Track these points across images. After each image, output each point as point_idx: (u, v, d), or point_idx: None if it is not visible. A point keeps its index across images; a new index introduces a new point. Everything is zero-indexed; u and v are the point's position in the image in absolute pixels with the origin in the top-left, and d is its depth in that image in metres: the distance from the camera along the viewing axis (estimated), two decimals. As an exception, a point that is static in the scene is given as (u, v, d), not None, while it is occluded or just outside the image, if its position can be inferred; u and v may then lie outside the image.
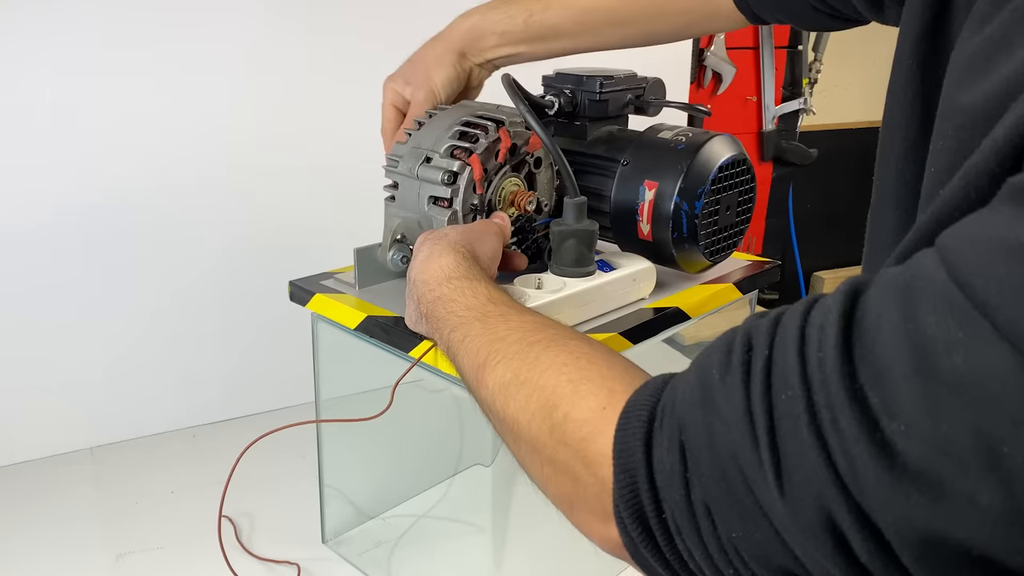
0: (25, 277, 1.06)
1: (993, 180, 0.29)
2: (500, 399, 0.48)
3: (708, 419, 0.35)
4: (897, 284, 0.30)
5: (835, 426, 0.30)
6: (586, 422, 0.41)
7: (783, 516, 0.32)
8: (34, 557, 0.92)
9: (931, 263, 0.29)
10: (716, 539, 0.35)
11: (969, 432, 0.27)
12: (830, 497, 0.30)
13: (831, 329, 0.31)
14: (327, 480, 0.94)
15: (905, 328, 0.29)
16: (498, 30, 0.79)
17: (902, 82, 0.46)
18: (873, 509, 0.29)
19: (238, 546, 0.94)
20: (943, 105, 0.36)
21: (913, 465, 0.28)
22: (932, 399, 0.28)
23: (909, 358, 0.28)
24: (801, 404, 0.31)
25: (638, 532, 0.38)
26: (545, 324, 0.51)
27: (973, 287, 0.27)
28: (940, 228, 0.31)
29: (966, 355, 0.27)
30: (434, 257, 0.61)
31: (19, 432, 1.10)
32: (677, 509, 0.36)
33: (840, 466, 0.30)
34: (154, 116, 1.09)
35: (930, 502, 0.28)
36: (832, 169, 2.15)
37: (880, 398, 0.29)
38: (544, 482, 0.45)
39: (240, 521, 0.99)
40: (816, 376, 0.31)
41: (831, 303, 0.32)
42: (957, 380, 0.27)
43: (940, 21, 0.43)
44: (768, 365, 0.33)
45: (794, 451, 0.31)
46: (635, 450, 0.38)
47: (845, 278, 0.33)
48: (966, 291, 0.27)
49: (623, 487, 0.38)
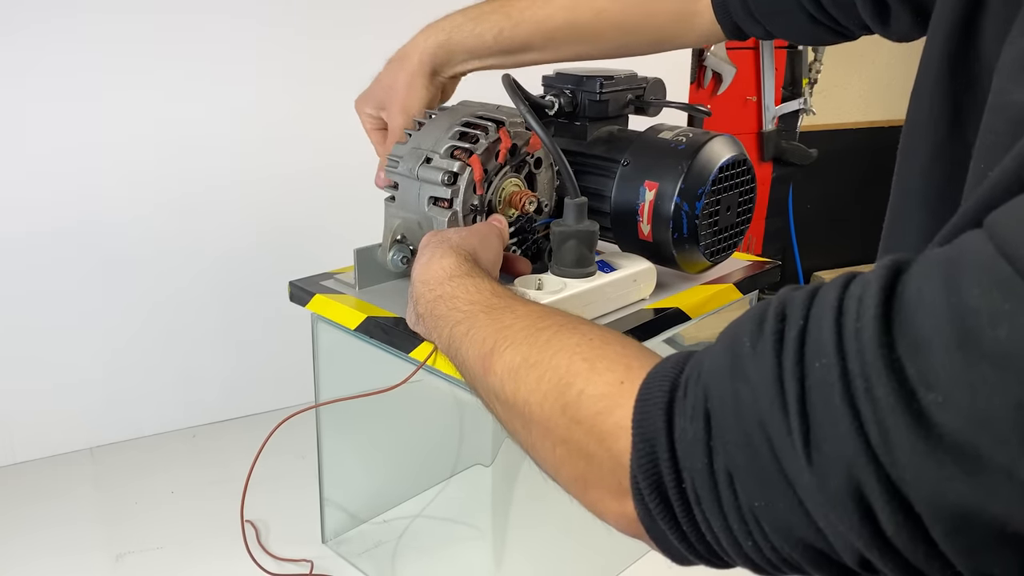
0: (25, 277, 1.06)
1: None
2: (510, 384, 0.47)
3: (736, 386, 0.34)
4: (941, 260, 0.30)
5: (869, 395, 0.30)
6: (603, 396, 0.41)
7: (809, 486, 0.32)
8: (34, 557, 0.92)
9: (978, 240, 0.29)
10: (736, 509, 0.35)
11: (1010, 405, 0.26)
12: (860, 466, 0.30)
13: (871, 300, 0.31)
14: (327, 480, 0.94)
15: (948, 300, 0.28)
16: (467, 47, 0.78)
17: (930, 83, 0.45)
18: (905, 480, 0.29)
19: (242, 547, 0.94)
20: (993, 100, 0.35)
21: (949, 437, 0.28)
22: (973, 371, 0.27)
23: (951, 329, 0.28)
24: (835, 373, 0.31)
25: (656, 503, 0.38)
26: (552, 312, 0.51)
27: (1020, 260, 0.27)
28: (988, 210, 0.30)
29: (1011, 328, 0.26)
30: (435, 259, 0.61)
31: (19, 432, 1.10)
32: (698, 478, 0.36)
33: (872, 436, 0.29)
34: (154, 117, 1.09)
35: (966, 475, 0.28)
36: (832, 169, 2.15)
37: (918, 369, 0.29)
38: (556, 465, 0.45)
39: (240, 521, 0.99)
40: (852, 345, 0.31)
41: (871, 277, 0.32)
42: (1001, 353, 0.27)
43: (971, 23, 0.43)
44: (802, 335, 0.33)
45: (825, 420, 0.31)
46: (656, 419, 0.37)
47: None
48: (1014, 264, 0.27)
49: (642, 456, 0.38)
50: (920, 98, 0.47)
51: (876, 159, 2.12)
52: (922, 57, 0.47)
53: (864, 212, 1.86)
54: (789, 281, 2.16)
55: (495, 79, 0.75)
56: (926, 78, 0.46)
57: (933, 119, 0.45)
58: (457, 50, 0.78)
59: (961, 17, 0.43)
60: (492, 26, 0.77)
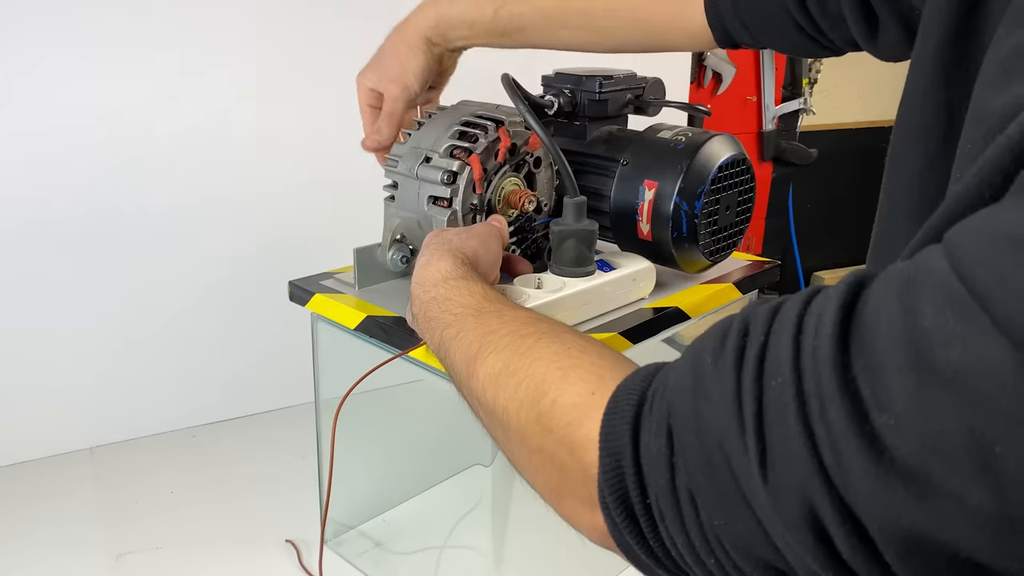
0: (25, 277, 1.06)
1: (1007, 177, 0.28)
2: (490, 390, 0.47)
3: (697, 403, 0.34)
4: (900, 277, 0.29)
5: (823, 416, 0.29)
6: (574, 407, 0.41)
7: (765, 506, 0.31)
8: (34, 557, 0.92)
9: (936, 257, 0.28)
10: (699, 527, 0.34)
11: (962, 430, 0.26)
12: (813, 489, 0.29)
13: (829, 318, 0.30)
14: (327, 480, 0.94)
15: (903, 320, 0.28)
16: (467, 19, 0.78)
17: (922, 90, 0.44)
18: (857, 504, 0.29)
19: (242, 547, 0.94)
20: (973, 109, 0.34)
21: (901, 461, 0.27)
22: (925, 393, 0.27)
23: (904, 350, 0.27)
24: (790, 392, 0.30)
25: (622, 518, 0.37)
26: (538, 319, 0.51)
27: (974, 279, 0.26)
28: (949, 225, 0.29)
29: (963, 349, 0.26)
30: (433, 261, 0.61)
31: (19, 432, 1.10)
32: (661, 494, 0.35)
33: (826, 458, 0.29)
34: (153, 117, 1.09)
35: (917, 500, 0.27)
36: (832, 169, 2.15)
37: (872, 390, 0.28)
38: (532, 473, 0.45)
39: (241, 521, 0.99)
40: (809, 364, 0.30)
41: (833, 293, 0.31)
42: (952, 375, 0.26)
43: (969, 28, 0.42)
44: (762, 351, 0.32)
45: (780, 439, 0.30)
46: (622, 433, 0.37)
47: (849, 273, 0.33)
48: (967, 283, 0.26)
49: (608, 471, 0.37)
50: (911, 107, 0.46)
51: (876, 159, 2.11)
52: (911, 66, 0.46)
53: (864, 212, 1.85)
54: (789, 281, 2.16)
55: (495, 78, 0.75)
56: (916, 87, 0.45)
57: (925, 129, 0.44)
58: (456, 22, 0.78)
59: (957, 23, 0.42)
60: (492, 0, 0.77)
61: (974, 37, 0.41)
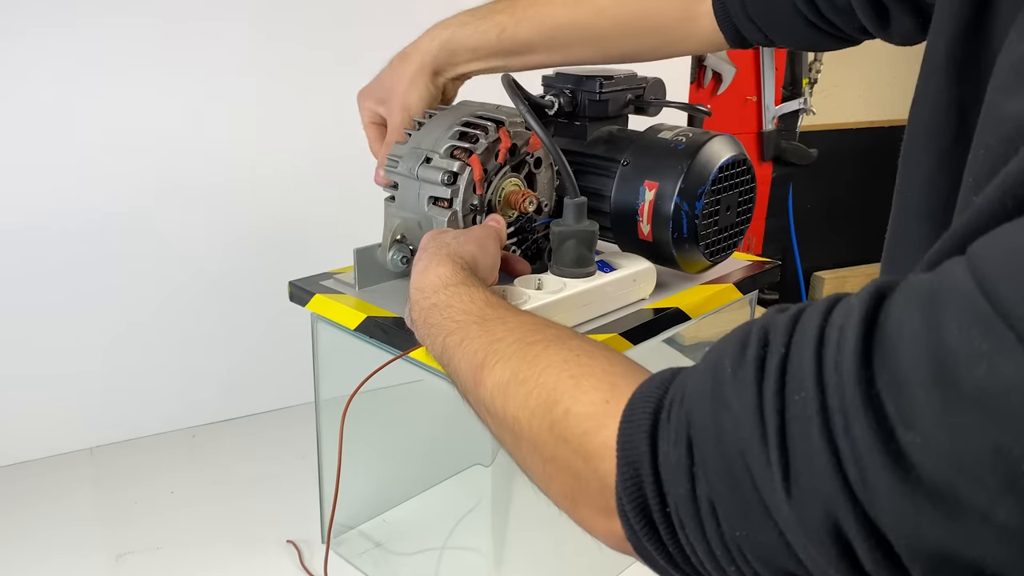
0: (24, 277, 1.06)
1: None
2: (499, 399, 0.47)
3: (717, 414, 0.34)
4: (923, 291, 0.29)
5: (848, 432, 0.29)
6: (588, 416, 0.41)
7: (788, 519, 0.31)
8: (34, 557, 0.92)
9: (959, 271, 0.28)
10: (720, 536, 0.35)
11: (988, 448, 0.26)
12: (838, 504, 0.29)
13: (851, 332, 0.30)
14: (327, 480, 0.94)
15: (927, 337, 0.28)
16: (470, 45, 0.77)
17: (934, 88, 0.44)
18: (883, 521, 0.29)
19: (242, 547, 0.94)
20: (986, 112, 0.34)
21: (928, 479, 0.27)
22: (951, 412, 0.27)
23: (929, 368, 0.27)
24: (814, 407, 0.30)
25: (641, 526, 0.37)
26: (544, 324, 0.51)
27: (999, 297, 0.26)
28: (973, 237, 0.29)
29: (989, 368, 0.26)
30: (431, 267, 0.61)
31: (19, 432, 1.10)
32: (681, 504, 0.35)
33: (850, 473, 0.29)
34: (153, 117, 1.09)
35: (943, 518, 0.27)
36: (832, 169, 2.16)
37: (897, 407, 0.28)
38: (546, 481, 0.45)
39: (241, 522, 0.99)
40: (832, 379, 0.30)
41: (854, 304, 0.31)
42: (978, 394, 0.26)
43: (979, 25, 0.41)
44: (783, 363, 0.32)
45: (803, 454, 0.31)
46: (640, 442, 0.37)
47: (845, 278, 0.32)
48: (992, 301, 0.26)
49: (626, 479, 0.37)
50: (923, 106, 0.46)
51: (876, 159, 2.12)
52: (923, 63, 0.46)
53: (864, 212, 1.86)
54: (789, 281, 2.16)
55: (495, 78, 0.75)
56: (928, 85, 0.45)
57: (937, 128, 0.44)
58: (460, 49, 0.78)
59: (968, 20, 0.42)
60: (496, 24, 0.76)
61: (984, 35, 0.41)
